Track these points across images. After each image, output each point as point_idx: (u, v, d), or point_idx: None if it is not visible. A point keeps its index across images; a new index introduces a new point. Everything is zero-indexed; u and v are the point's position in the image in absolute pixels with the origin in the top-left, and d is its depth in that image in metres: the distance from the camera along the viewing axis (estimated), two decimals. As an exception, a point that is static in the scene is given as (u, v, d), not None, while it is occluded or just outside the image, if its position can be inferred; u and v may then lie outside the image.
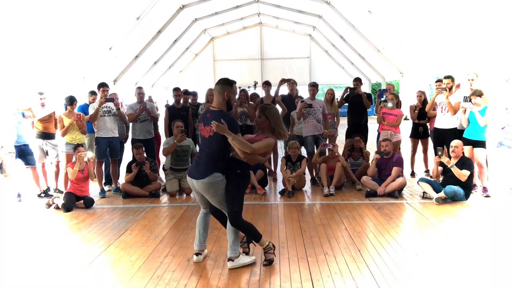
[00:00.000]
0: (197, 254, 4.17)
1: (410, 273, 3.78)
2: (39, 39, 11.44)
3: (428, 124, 7.88)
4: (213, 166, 3.86)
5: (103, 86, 7.21)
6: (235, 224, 3.91)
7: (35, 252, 4.54)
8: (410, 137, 8.22)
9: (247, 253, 4.16)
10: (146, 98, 7.75)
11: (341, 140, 8.78)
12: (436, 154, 6.42)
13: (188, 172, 4.07)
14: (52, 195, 6.87)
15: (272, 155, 8.26)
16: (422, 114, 7.81)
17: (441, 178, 6.49)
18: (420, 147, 8.13)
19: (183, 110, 7.75)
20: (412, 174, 8.04)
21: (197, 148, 7.92)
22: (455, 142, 6.31)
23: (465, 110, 6.62)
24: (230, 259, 3.96)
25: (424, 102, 7.93)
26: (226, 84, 3.93)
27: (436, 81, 7.85)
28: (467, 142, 6.51)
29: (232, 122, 3.86)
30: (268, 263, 4.00)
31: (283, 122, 4.25)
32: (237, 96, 4.03)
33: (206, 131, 3.92)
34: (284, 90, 8.87)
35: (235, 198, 3.90)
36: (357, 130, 7.88)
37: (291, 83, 8.55)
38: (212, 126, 3.76)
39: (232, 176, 3.90)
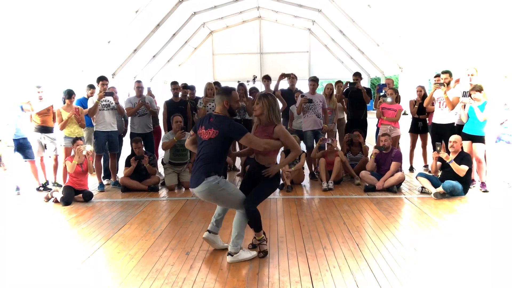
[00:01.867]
0: (209, 231, 4.25)
1: (408, 267, 3.79)
2: (37, 32, 11.37)
3: (427, 119, 7.88)
4: (206, 170, 3.83)
5: (102, 79, 7.18)
6: (250, 216, 4.01)
7: (34, 246, 4.54)
8: (409, 131, 8.23)
9: (266, 253, 4.11)
10: (145, 91, 7.71)
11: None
12: (434, 149, 6.43)
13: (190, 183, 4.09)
14: (50, 189, 6.86)
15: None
16: (422, 109, 7.81)
17: (439, 173, 6.50)
18: (419, 142, 8.14)
19: (182, 104, 7.73)
20: (411, 169, 8.06)
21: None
22: (453, 137, 6.32)
23: (465, 105, 6.63)
24: (229, 254, 3.97)
25: (423, 97, 7.92)
26: (224, 93, 3.94)
27: (435, 76, 7.84)
28: (466, 137, 6.52)
29: (236, 126, 3.91)
30: (264, 254, 4.06)
31: (285, 117, 4.29)
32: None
33: (207, 134, 3.89)
34: (284, 85, 8.86)
35: (262, 195, 4.12)
36: (357, 125, 7.88)
37: (291, 77, 8.54)
38: (212, 129, 3.85)
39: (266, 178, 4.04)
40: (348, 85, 8.14)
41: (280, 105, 8.24)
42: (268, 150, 3.97)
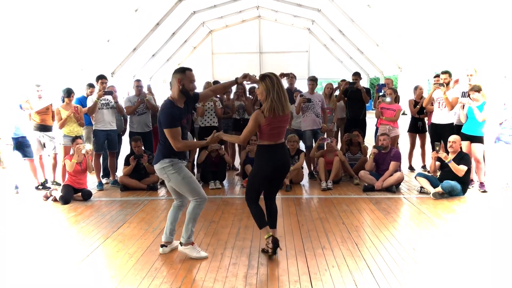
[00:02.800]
0: (162, 246, 4.22)
1: (407, 267, 3.80)
2: (36, 31, 11.36)
3: (426, 119, 7.89)
4: (160, 152, 3.95)
5: (101, 78, 7.18)
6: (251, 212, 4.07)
7: (33, 245, 4.54)
8: (408, 131, 8.24)
9: (266, 251, 4.05)
10: (145, 89, 7.69)
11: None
12: (433, 149, 6.43)
13: None
14: (49, 187, 6.86)
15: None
16: (422, 108, 7.82)
17: (438, 173, 6.51)
18: (418, 142, 8.15)
19: None
20: (411, 169, 8.06)
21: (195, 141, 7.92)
22: (452, 138, 6.33)
23: (464, 105, 6.64)
24: (180, 243, 4.09)
25: (422, 97, 7.95)
26: (178, 72, 3.93)
27: (435, 76, 7.86)
28: (465, 137, 6.53)
29: (164, 115, 3.83)
30: (274, 251, 3.98)
31: None
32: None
33: None
34: (283, 84, 8.85)
35: (248, 186, 4.11)
36: (356, 124, 7.89)
37: (291, 77, 8.54)
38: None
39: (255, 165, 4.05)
40: (348, 84, 8.14)
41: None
42: (184, 150, 3.93)
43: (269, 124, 3.84)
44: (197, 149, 7.57)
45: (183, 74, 3.89)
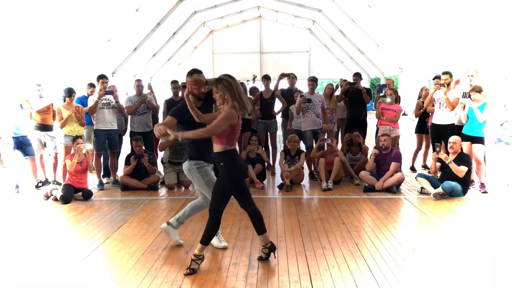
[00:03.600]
0: (166, 223, 4.40)
1: (408, 267, 3.80)
2: (37, 30, 11.36)
3: (427, 120, 7.88)
4: (187, 153, 4.10)
5: (102, 78, 7.19)
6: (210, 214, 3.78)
7: (33, 244, 4.54)
8: (416, 132, 8.23)
9: (261, 259, 3.96)
10: (145, 89, 7.70)
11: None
12: (434, 150, 6.43)
13: None
14: (49, 182, 6.90)
15: (271, 149, 8.26)
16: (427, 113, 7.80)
17: (439, 174, 6.50)
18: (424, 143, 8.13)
19: (172, 104, 7.70)
20: (412, 169, 8.05)
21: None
22: (453, 138, 6.32)
23: (464, 106, 6.63)
24: (167, 222, 4.31)
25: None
26: (187, 74, 4.08)
27: (434, 78, 7.86)
28: (465, 138, 6.52)
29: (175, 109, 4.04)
30: (190, 271, 3.69)
31: (284, 116, 4.23)
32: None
33: None
34: (284, 84, 8.86)
35: (215, 192, 3.76)
36: (356, 125, 7.89)
37: (291, 77, 8.54)
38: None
39: (219, 170, 3.74)
40: (348, 85, 8.14)
41: (280, 105, 8.27)
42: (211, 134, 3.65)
43: (237, 125, 3.64)
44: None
45: (189, 77, 4.01)
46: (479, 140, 6.49)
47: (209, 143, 3.80)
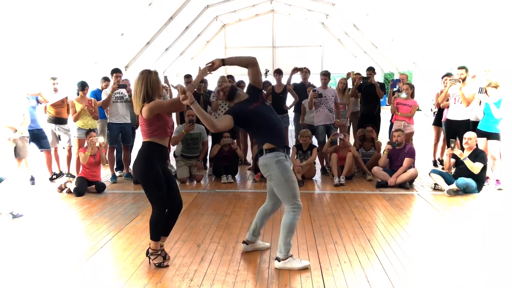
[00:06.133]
0: (243, 242, 4.05)
1: (420, 263, 3.76)
2: (51, 24, 11.47)
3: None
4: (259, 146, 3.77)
5: (116, 72, 7.24)
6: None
7: (47, 235, 4.61)
8: (433, 124, 8.12)
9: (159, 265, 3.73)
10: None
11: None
12: (448, 146, 6.34)
13: None
14: (63, 174, 7.02)
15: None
16: None
17: (453, 170, 6.42)
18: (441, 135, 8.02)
19: (194, 97, 7.69)
20: (434, 164, 7.94)
21: (209, 136, 7.94)
22: (468, 134, 6.23)
23: (480, 101, 6.52)
24: (277, 258, 3.69)
25: None
26: None
27: (443, 76, 7.75)
28: (481, 134, 6.42)
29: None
30: (158, 265, 3.70)
31: (297, 111, 4.14)
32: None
33: None
34: (297, 79, 8.82)
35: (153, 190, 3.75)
36: (370, 120, 7.82)
37: (304, 71, 8.49)
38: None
39: None
40: (362, 79, 8.07)
41: (292, 99, 8.23)
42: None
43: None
44: (210, 144, 7.59)
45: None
46: (495, 136, 6.38)
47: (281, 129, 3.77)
